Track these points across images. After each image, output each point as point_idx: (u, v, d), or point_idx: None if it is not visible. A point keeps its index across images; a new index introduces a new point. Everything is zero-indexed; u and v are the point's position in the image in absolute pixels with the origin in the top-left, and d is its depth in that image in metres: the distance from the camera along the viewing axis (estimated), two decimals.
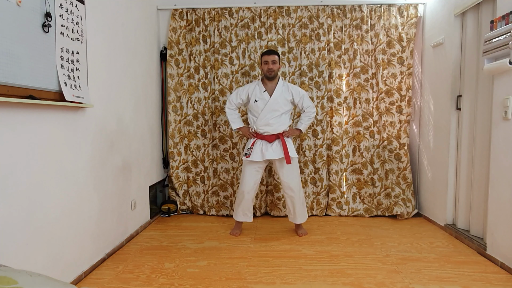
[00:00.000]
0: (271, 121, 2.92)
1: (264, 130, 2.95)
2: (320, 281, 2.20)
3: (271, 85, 2.98)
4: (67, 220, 2.09)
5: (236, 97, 3.03)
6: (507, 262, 2.34)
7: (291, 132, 3.01)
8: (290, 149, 2.94)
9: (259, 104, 2.94)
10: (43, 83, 1.85)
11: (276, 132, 2.95)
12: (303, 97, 3.01)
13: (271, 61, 2.89)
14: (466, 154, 2.98)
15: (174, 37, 3.71)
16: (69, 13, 2.07)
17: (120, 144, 2.80)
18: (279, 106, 2.93)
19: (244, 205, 3.03)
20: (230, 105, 3.06)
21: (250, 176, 2.98)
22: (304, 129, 3.08)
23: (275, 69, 2.92)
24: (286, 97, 2.96)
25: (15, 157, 1.69)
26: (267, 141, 2.95)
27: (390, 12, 3.60)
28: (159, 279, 2.24)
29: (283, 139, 2.94)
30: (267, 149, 2.93)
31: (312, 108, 3.03)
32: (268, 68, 2.90)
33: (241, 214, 3.08)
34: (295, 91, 3.00)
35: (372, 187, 3.69)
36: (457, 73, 3.05)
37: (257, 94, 2.97)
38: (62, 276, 2.03)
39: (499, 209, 2.43)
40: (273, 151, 2.92)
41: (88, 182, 2.32)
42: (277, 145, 2.94)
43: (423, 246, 2.81)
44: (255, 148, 2.94)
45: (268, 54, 2.91)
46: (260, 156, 2.92)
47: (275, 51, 2.97)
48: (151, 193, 3.56)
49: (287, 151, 2.90)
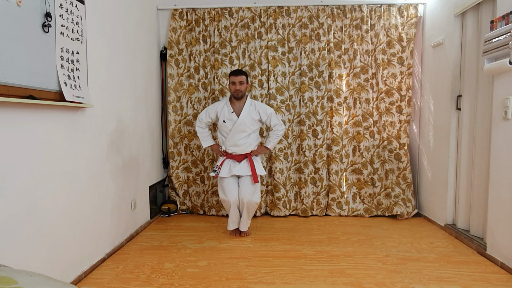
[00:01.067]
0: (239, 142, 2.96)
1: (233, 150, 3.00)
2: (320, 281, 2.20)
3: (239, 104, 3.00)
4: (67, 220, 2.09)
5: (206, 115, 3.07)
6: (507, 262, 2.34)
7: (259, 150, 3.07)
8: (258, 167, 3.01)
9: (227, 124, 2.98)
10: (43, 83, 1.85)
11: (244, 152, 3.00)
12: (270, 115, 3.03)
13: (238, 82, 2.91)
14: (466, 154, 2.98)
15: (174, 37, 3.71)
16: (69, 13, 2.07)
17: (120, 144, 2.80)
18: (247, 126, 2.97)
19: (231, 212, 3.03)
20: (200, 124, 3.09)
21: (227, 184, 3.00)
22: (272, 147, 3.14)
23: (243, 89, 2.94)
24: (253, 116, 2.99)
25: (15, 157, 1.69)
26: (235, 160, 3.01)
27: (390, 12, 3.60)
28: (159, 279, 2.24)
29: (251, 159, 3.00)
30: (235, 166, 2.99)
31: (280, 126, 3.07)
32: (236, 89, 2.92)
33: (231, 222, 3.09)
34: (262, 110, 3.02)
35: (372, 187, 3.69)
36: (457, 73, 3.05)
37: (226, 115, 3.00)
38: (62, 276, 2.03)
39: (499, 209, 2.43)
40: (241, 168, 2.99)
41: (88, 182, 2.32)
42: (244, 163, 3.01)
43: (423, 246, 2.81)
44: (224, 167, 3.00)
45: (235, 75, 2.93)
46: (227, 172, 2.98)
47: (242, 71, 2.98)
48: (151, 193, 3.56)
49: (254, 171, 2.96)
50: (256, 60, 3.68)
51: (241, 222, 3.07)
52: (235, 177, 3.05)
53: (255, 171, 2.97)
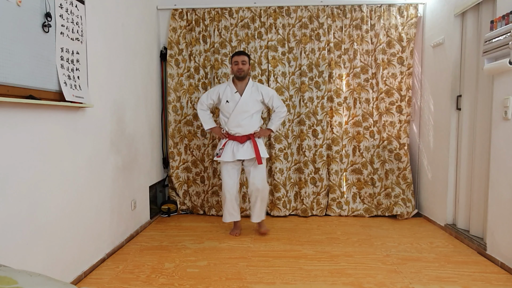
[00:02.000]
0: (242, 122, 2.95)
1: (235, 131, 2.98)
2: (320, 281, 2.20)
3: (241, 85, 3.01)
4: (67, 220, 2.09)
5: (207, 97, 3.06)
6: (507, 262, 2.34)
7: (262, 132, 3.06)
8: (261, 150, 3.00)
9: (230, 104, 2.97)
10: (43, 83, 1.85)
11: (247, 133, 2.99)
12: (272, 97, 3.03)
13: (241, 62, 2.93)
14: (466, 154, 2.98)
15: (174, 37, 3.71)
16: (69, 13, 2.07)
17: (120, 144, 2.80)
18: (249, 107, 2.96)
19: (228, 205, 3.05)
20: (202, 106, 3.08)
21: (227, 175, 3.02)
22: (275, 129, 3.12)
23: (245, 69, 2.95)
24: (256, 97, 2.99)
25: (15, 157, 1.69)
26: (238, 141, 2.99)
27: (390, 12, 3.60)
28: (159, 279, 2.24)
29: (254, 140, 2.98)
30: (238, 150, 2.97)
31: (282, 107, 3.06)
32: (238, 68, 2.93)
33: (227, 214, 3.09)
34: (265, 91, 3.03)
35: (372, 187, 3.69)
36: (457, 73, 3.05)
37: (228, 95, 2.99)
38: (62, 276, 2.03)
39: (499, 209, 2.43)
40: (244, 152, 2.96)
41: (88, 182, 2.32)
42: (248, 145, 2.98)
43: (423, 246, 2.81)
44: (226, 149, 2.98)
45: (238, 55, 2.95)
46: (231, 157, 2.96)
47: (244, 52, 3.01)
48: (151, 193, 3.56)
49: (258, 152, 2.94)
50: (256, 60, 3.68)
51: (255, 213, 3.05)
52: (237, 165, 3.04)
53: (259, 153, 2.94)
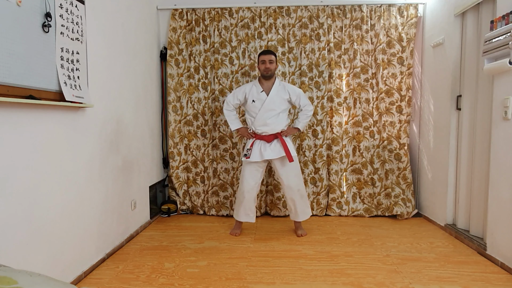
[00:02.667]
0: (268, 120, 2.93)
1: (262, 130, 2.96)
2: (320, 281, 2.20)
3: (267, 84, 3.00)
4: (67, 220, 2.09)
5: (233, 98, 3.05)
6: (507, 262, 2.34)
7: (289, 131, 3.02)
8: (290, 148, 2.96)
9: (257, 104, 2.96)
10: (43, 83, 1.85)
11: (274, 132, 2.96)
12: (299, 95, 3.02)
13: (268, 61, 2.92)
14: (466, 154, 2.98)
15: (174, 37, 3.71)
16: (69, 13, 2.07)
17: (120, 144, 2.80)
18: (276, 105, 2.94)
19: (246, 205, 3.03)
20: (228, 106, 3.07)
21: (250, 176, 2.99)
22: (302, 127, 3.09)
23: (272, 68, 2.94)
24: (282, 96, 2.98)
25: (15, 157, 1.69)
26: (265, 141, 2.96)
27: (390, 12, 3.60)
28: (159, 279, 2.24)
29: (282, 138, 2.95)
30: (266, 149, 2.94)
31: (309, 106, 3.05)
32: (266, 67, 2.92)
33: (243, 214, 3.07)
34: (292, 90, 3.02)
35: (372, 187, 3.69)
36: (457, 73, 3.05)
37: (254, 94, 2.98)
38: (62, 276, 2.03)
39: (499, 209, 2.43)
40: (272, 151, 2.93)
41: (88, 182, 2.32)
42: (275, 144, 2.95)
43: (423, 246, 2.81)
44: (254, 149, 2.95)
45: (265, 54, 2.94)
46: (259, 156, 2.93)
47: (272, 51, 3.00)
48: (151, 193, 3.56)
49: (287, 149, 2.90)
50: (256, 60, 3.68)
51: (298, 213, 3.02)
52: (262, 166, 3.02)
53: (289, 150, 2.91)
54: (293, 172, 2.99)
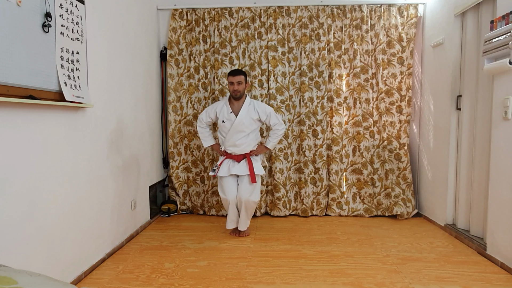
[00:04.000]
0: (237, 142, 2.96)
1: (232, 150, 3.00)
2: (320, 281, 2.20)
3: (237, 104, 2.99)
4: (67, 220, 2.09)
5: (206, 115, 3.07)
6: (507, 262, 2.34)
7: (259, 150, 3.06)
8: (256, 167, 3.00)
9: (226, 124, 2.98)
10: (43, 83, 1.85)
11: (243, 153, 3.00)
12: (269, 115, 3.01)
13: (237, 82, 2.90)
14: (466, 154, 2.98)
15: (174, 37, 3.71)
16: (69, 13, 2.07)
17: (120, 144, 2.80)
18: (245, 126, 2.95)
19: (230, 212, 3.04)
20: (201, 124, 3.10)
21: (226, 185, 3.00)
22: (272, 147, 3.11)
23: (241, 89, 2.92)
24: (252, 116, 2.97)
25: (15, 157, 1.69)
26: (235, 160, 3.00)
27: (390, 12, 3.60)
28: (159, 279, 2.24)
29: (250, 159, 2.99)
30: (234, 166, 2.99)
31: (279, 125, 3.04)
32: (234, 89, 2.91)
33: (229, 221, 3.09)
34: (261, 109, 3.00)
35: (372, 187, 3.69)
36: (457, 73, 3.05)
37: (225, 115, 2.99)
38: (62, 276, 2.03)
39: (499, 209, 2.43)
40: (239, 168, 2.98)
41: (88, 182, 2.32)
42: (243, 163, 3.00)
43: (423, 246, 2.81)
44: (223, 166, 3.00)
45: (233, 75, 2.91)
46: (226, 172, 2.98)
47: (241, 70, 2.96)
48: (151, 193, 3.56)
49: (252, 171, 2.95)
50: (256, 60, 3.68)
51: (240, 221, 3.06)
52: (235, 176, 3.05)
53: (253, 171, 2.96)
54: (249, 188, 2.98)
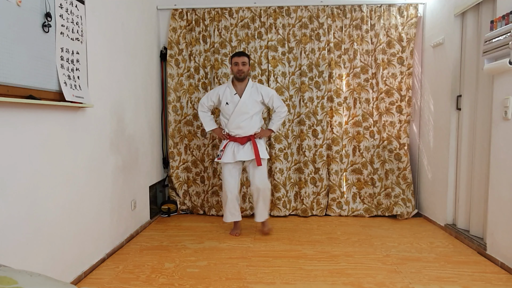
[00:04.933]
0: (242, 123, 2.95)
1: (236, 133, 2.99)
2: (320, 281, 2.20)
3: (240, 86, 3.00)
4: (67, 220, 2.09)
5: (208, 99, 3.07)
6: (507, 262, 2.34)
7: (262, 133, 3.05)
8: (261, 151, 2.99)
9: (230, 106, 2.97)
10: (43, 83, 1.85)
11: (248, 135, 2.99)
12: (272, 97, 3.02)
13: (241, 63, 2.91)
14: (466, 154, 2.98)
15: (174, 37, 3.71)
16: (69, 13, 2.07)
17: (120, 144, 2.80)
18: (249, 108, 2.96)
19: (230, 205, 3.05)
20: (202, 108, 3.09)
21: (229, 175, 3.02)
22: (276, 129, 3.11)
23: (245, 70, 2.94)
24: (255, 98, 2.98)
25: (15, 157, 1.69)
26: (239, 143, 2.99)
27: (390, 12, 3.60)
28: (159, 279, 2.24)
29: (254, 141, 2.98)
30: (239, 151, 2.97)
31: (282, 107, 3.05)
32: (238, 69, 2.92)
33: (229, 214, 3.09)
34: (265, 91, 3.02)
35: (372, 187, 3.69)
36: (457, 73, 3.05)
37: (228, 97, 2.99)
38: (62, 276, 2.03)
39: (499, 209, 2.43)
40: (244, 153, 2.96)
41: (88, 182, 2.32)
42: (248, 146, 2.98)
43: (423, 246, 2.81)
44: (227, 150, 2.99)
45: (238, 56, 2.93)
46: (231, 158, 2.97)
47: (245, 53, 2.98)
48: (151, 193, 3.56)
49: (257, 153, 2.94)
50: (256, 60, 3.68)
51: (258, 213, 3.06)
52: (238, 165, 3.04)
53: (259, 154, 2.94)
54: (261, 174, 3.01)
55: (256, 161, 2.94)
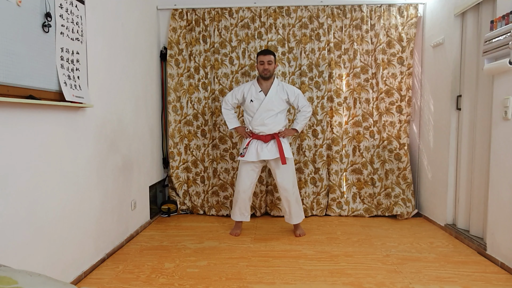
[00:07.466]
0: (266, 121, 2.92)
1: (260, 130, 2.95)
2: (320, 281, 2.20)
3: (266, 84, 2.99)
4: (67, 220, 2.09)
5: (232, 97, 3.05)
6: (507, 262, 2.34)
7: (287, 132, 3.01)
8: (286, 149, 2.94)
9: (255, 103, 2.95)
10: (43, 83, 1.85)
11: (272, 132, 2.95)
12: (298, 96, 3.01)
13: (267, 62, 2.91)
14: (466, 154, 2.98)
15: (174, 37, 3.71)
16: (69, 13, 2.07)
17: (120, 144, 2.80)
18: (274, 105, 2.94)
19: (241, 204, 3.04)
20: (226, 105, 3.07)
21: (246, 175, 2.99)
22: (300, 128, 3.08)
23: (271, 69, 2.93)
24: (281, 96, 2.97)
25: (15, 157, 1.69)
26: (262, 141, 2.96)
27: (390, 12, 3.60)
28: (159, 279, 2.24)
29: (279, 139, 2.94)
30: (262, 149, 2.93)
31: (307, 107, 3.04)
32: (264, 68, 2.92)
33: (238, 213, 3.08)
34: (290, 90, 3.01)
35: (372, 187, 3.69)
36: (457, 73, 3.05)
37: (253, 94, 2.98)
38: (62, 276, 2.03)
39: (499, 209, 2.43)
40: (268, 151, 2.92)
41: (88, 182, 2.32)
42: (272, 145, 2.94)
43: (423, 246, 2.81)
44: (250, 148, 2.95)
45: (264, 54, 2.93)
46: (255, 156, 2.93)
47: (271, 51, 2.98)
48: (151, 193, 3.56)
49: (282, 151, 2.89)
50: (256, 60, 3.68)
51: (292, 215, 3.02)
52: (258, 167, 3.01)
53: (283, 152, 2.89)
54: (289, 174, 2.98)
55: (281, 159, 2.88)
